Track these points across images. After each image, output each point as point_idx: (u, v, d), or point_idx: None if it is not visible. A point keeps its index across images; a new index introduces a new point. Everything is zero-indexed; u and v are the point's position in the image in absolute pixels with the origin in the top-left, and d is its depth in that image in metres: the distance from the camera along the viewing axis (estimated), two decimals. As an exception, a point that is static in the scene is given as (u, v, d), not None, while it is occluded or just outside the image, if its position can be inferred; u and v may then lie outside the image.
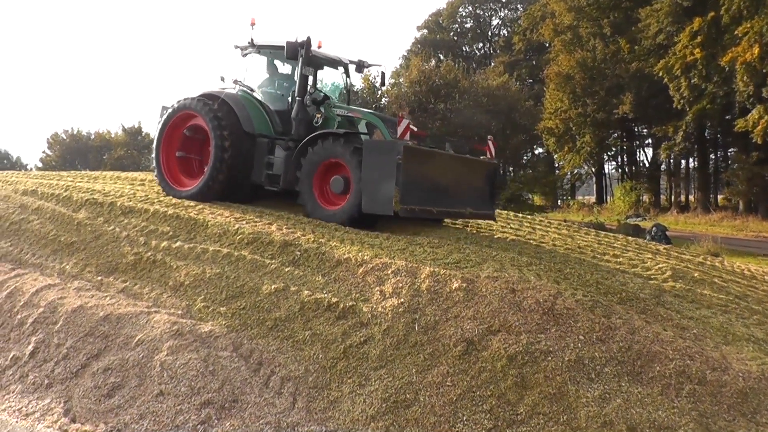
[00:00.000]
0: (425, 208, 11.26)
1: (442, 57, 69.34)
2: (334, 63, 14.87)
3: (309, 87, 13.73)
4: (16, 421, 8.21)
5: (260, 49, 14.36)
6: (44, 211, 12.91)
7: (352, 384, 7.22)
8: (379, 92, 59.67)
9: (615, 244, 13.96)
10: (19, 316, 10.01)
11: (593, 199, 64.09)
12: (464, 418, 6.55)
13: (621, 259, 11.89)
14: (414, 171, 10.96)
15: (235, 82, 14.27)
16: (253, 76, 14.53)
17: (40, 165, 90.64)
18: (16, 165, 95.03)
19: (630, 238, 16.62)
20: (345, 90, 15.31)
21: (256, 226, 10.73)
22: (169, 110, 13.96)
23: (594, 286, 8.69)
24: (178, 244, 10.50)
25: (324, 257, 9.21)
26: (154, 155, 14.30)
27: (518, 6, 77.77)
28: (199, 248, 10.18)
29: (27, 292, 10.41)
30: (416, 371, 7.11)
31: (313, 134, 12.32)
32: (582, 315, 7.49)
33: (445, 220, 13.88)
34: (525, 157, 65.63)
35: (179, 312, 8.98)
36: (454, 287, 7.92)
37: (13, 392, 8.84)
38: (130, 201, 12.56)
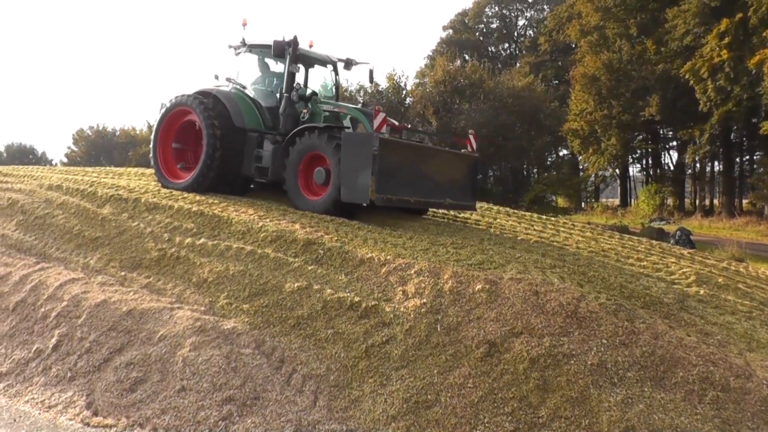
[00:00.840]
0: (402, 197, 11.79)
1: (467, 57, 69.20)
2: (323, 61, 15.42)
3: (296, 84, 14.19)
4: (39, 413, 8.29)
5: (251, 48, 15.00)
6: (69, 206, 13.00)
7: (373, 383, 7.22)
8: (404, 92, 59.67)
9: (639, 248, 13.87)
10: (42, 310, 10.10)
11: (617, 201, 63.72)
12: (485, 420, 6.53)
13: (645, 262, 11.81)
14: (390, 162, 11.45)
15: (228, 79, 14.91)
16: (245, 74, 15.13)
17: (65, 160, 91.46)
18: (42, 160, 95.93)
19: (654, 241, 16.51)
20: (334, 86, 15.83)
21: (279, 224, 10.75)
22: (166, 107, 14.65)
23: (618, 290, 8.63)
24: (201, 240, 10.55)
25: (347, 256, 9.22)
26: (151, 149, 15.05)
27: (544, 6, 77.39)
28: (222, 245, 10.22)
29: (51, 285, 10.50)
30: (438, 372, 7.09)
31: (298, 128, 12.95)
32: (605, 318, 7.44)
33: (462, 217, 13.84)
34: (549, 159, 65.27)
35: (202, 308, 9.02)
36: (476, 288, 7.90)
37: (36, 384, 8.92)
38: (155, 197, 12.63)
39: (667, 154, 62.35)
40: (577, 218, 41.69)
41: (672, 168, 60.25)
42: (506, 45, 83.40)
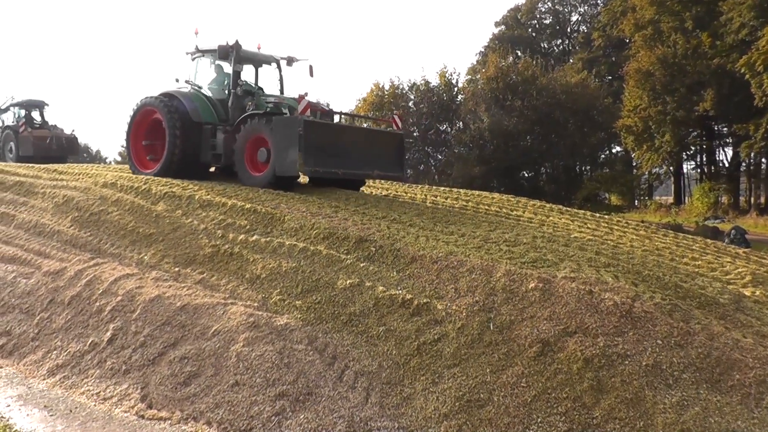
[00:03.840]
0: (329, 169, 14.01)
1: (519, 53, 68.62)
2: (268, 60, 17.38)
3: (240, 81, 16.14)
4: (94, 405, 8.45)
5: (204, 53, 16.96)
6: (123, 203, 13.21)
7: (425, 381, 7.23)
8: (455, 89, 59.45)
9: (693, 247, 13.62)
10: (97, 304, 10.29)
11: (670, 199, 62.67)
12: (538, 420, 6.50)
13: (699, 262, 11.60)
14: (314, 140, 13.51)
15: (187, 81, 16.83)
16: (202, 76, 17.10)
17: (118, 159, 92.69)
18: (96, 158, 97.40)
19: (708, 240, 16.20)
20: (279, 81, 17.72)
21: (332, 221, 10.79)
22: (135, 107, 16.67)
23: (672, 290, 8.47)
24: (255, 237, 10.63)
25: (398, 253, 9.21)
26: (125, 143, 17.22)
27: (598, 1, 76.40)
28: (275, 242, 10.30)
29: (105, 280, 10.69)
30: (490, 371, 7.07)
31: (242, 116, 15.05)
32: (660, 319, 7.32)
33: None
34: (602, 156, 64.44)
35: (255, 304, 9.11)
36: (530, 287, 7.84)
37: (91, 377, 9.10)
38: (208, 194, 12.77)
39: (721, 151, 61.15)
40: (631, 216, 41.13)
41: (727, 165, 59.07)
42: (559, 41, 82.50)
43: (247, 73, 16.96)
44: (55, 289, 11.18)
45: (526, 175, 56.65)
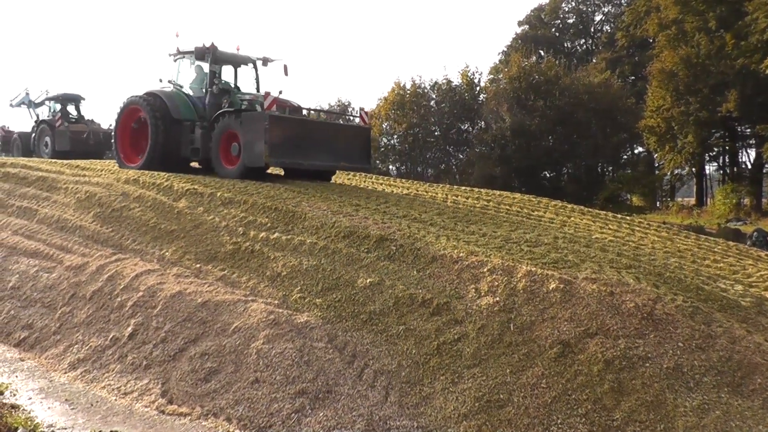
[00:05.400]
0: (295, 160, 15.25)
1: (542, 53, 68.37)
2: (244, 60, 18.35)
3: (216, 80, 17.30)
4: (115, 399, 8.51)
5: (184, 54, 17.98)
6: (145, 200, 13.29)
7: (444, 381, 7.22)
8: (478, 88, 59.37)
9: (715, 249, 13.53)
10: (119, 299, 10.36)
11: (692, 200, 62.20)
12: (558, 421, 6.47)
13: (721, 264, 11.52)
14: (279, 133, 14.63)
15: (169, 81, 17.95)
16: (185, 76, 18.13)
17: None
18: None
19: (730, 242, 16.07)
20: (255, 80, 18.62)
21: (352, 219, 10.80)
22: (121, 106, 17.80)
23: (694, 292, 8.40)
24: (275, 235, 10.66)
25: (419, 253, 9.20)
26: (113, 141, 18.26)
27: (622, 1, 75.94)
28: (296, 240, 10.32)
29: (127, 276, 10.76)
30: (510, 371, 7.05)
31: (216, 113, 16.11)
32: (682, 321, 7.27)
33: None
34: (624, 157, 64.04)
35: (276, 302, 9.13)
36: (551, 288, 7.80)
37: (112, 371, 9.16)
38: (230, 192, 12.81)
39: (744, 152, 60.58)
40: (653, 218, 40.87)
41: (750, 167, 58.52)
42: (582, 41, 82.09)
43: (228, 73, 18.23)
44: (77, 283, 11.27)
45: (548, 175, 56.45)
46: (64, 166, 18.25)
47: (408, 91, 59.26)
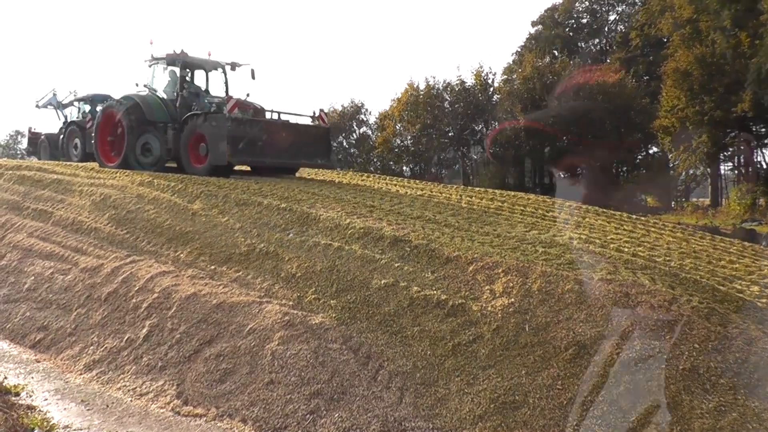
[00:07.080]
0: (257, 159, 16.97)
1: (556, 53, 68.16)
2: (214, 65, 19.52)
3: (187, 84, 18.71)
4: (131, 400, 8.55)
5: (158, 60, 19.17)
6: (160, 202, 13.34)
7: (460, 382, 7.21)
8: (491, 89, 59.29)
9: (731, 250, 13.43)
10: (134, 301, 10.41)
11: (707, 201, 61.89)
12: (574, 423, 6.44)
13: (737, 265, 11.43)
14: (240, 134, 16.12)
15: (145, 86, 19.22)
16: (160, 80, 19.36)
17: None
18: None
19: (746, 243, 15.96)
20: (224, 84, 19.75)
21: (367, 221, 10.80)
22: (99, 111, 19.61)
23: (710, 293, 8.33)
24: (290, 236, 10.67)
25: (433, 254, 9.18)
26: (93, 143, 19.50)
27: (636, 0, 75.62)
28: (310, 241, 10.33)
29: (142, 278, 10.80)
30: (526, 373, 7.03)
31: (185, 116, 17.49)
32: (697, 323, 7.22)
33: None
34: (639, 157, 63.77)
35: (290, 303, 9.14)
36: (566, 289, 7.78)
37: (127, 372, 9.20)
38: (244, 193, 12.85)
39: (760, 152, 60.16)
40: (668, 218, 40.67)
41: (765, 167, 58.12)
42: (596, 40, 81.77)
43: (200, 78, 19.56)
44: (92, 285, 11.32)
45: (562, 176, 56.27)
46: (79, 168, 18.41)
47: (422, 92, 59.23)
